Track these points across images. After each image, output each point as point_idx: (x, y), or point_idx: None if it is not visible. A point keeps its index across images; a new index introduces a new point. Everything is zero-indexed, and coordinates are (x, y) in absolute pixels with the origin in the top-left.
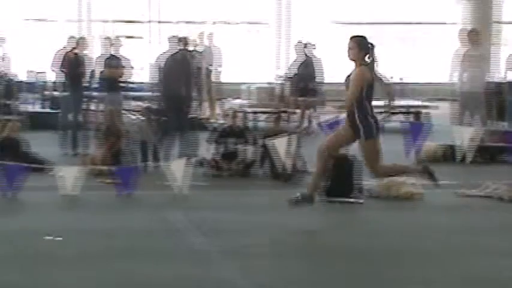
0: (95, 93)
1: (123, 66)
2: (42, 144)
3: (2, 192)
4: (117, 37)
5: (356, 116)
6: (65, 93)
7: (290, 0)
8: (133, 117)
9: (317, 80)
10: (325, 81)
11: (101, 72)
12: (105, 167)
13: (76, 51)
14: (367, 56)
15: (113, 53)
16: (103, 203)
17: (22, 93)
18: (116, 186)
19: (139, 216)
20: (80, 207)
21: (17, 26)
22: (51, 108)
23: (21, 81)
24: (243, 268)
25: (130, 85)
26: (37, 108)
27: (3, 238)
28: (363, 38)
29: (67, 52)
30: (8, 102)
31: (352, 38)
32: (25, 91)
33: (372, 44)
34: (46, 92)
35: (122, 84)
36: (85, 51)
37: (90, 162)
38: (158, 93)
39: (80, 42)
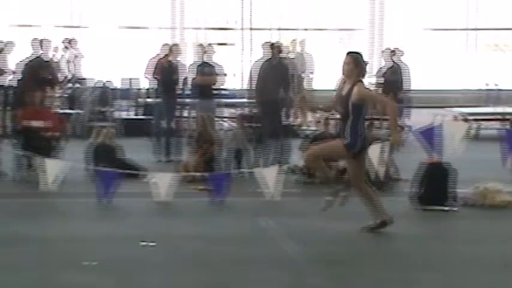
0: (187, 100)
1: (216, 73)
2: (135, 150)
3: (98, 199)
4: (210, 44)
5: (348, 127)
6: (158, 100)
7: (383, 6)
8: (226, 124)
9: (404, 87)
10: (413, 89)
11: (194, 79)
12: (198, 174)
13: (169, 58)
14: (361, 74)
15: (205, 60)
16: (196, 210)
17: (116, 100)
18: (208, 193)
19: (232, 223)
20: (173, 214)
21: (111, 33)
22: (145, 115)
23: (115, 88)
24: (336, 276)
25: (223, 92)
26: (131, 115)
27: (98, 244)
28: (359, 54)
29: (160, 59)
30: (102, 109)
31: (349, 53)
32: (119, 98)
33: (365, 62)
34: (140, 99)
35: (214, 91)
36: (178, 58)
37: (183, 169)
38: (253, 100)
39: (173, 49)
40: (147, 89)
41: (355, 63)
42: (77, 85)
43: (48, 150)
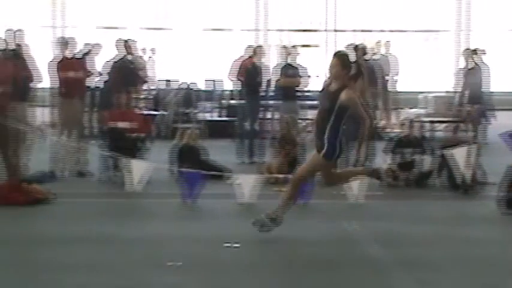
0: (271, 102)
1: (300, 75)
2: (219, 152)
3: (182, 199)
4: (294, 46)
5: (326, 133)
6: (242, 102)
7: (470, 6)
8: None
9: (484, 88)
10: (494, 90)
11: (277, 80)
12: (281, 176)
13: (253, 60)
14: (350, 76)
15: (289, 62)
16: None
17: (200, 101)
18: None
19: (316, 225)
20: (256, 216)
21: (195, 35)
22: (229, 117)
23: (199, 90)
24: (422, 281)
25: (307, 94)
26: (214, 116)
27: (183, 244)
28: (346, 55)
29: (244, 61)
30: (186, 110)
31: (335, 54)
32: (203, 100)
33: (352, 63)
34: (223, 101)
35: (298, 93)
36: (262, 60)
37: (266, 171)
38: None
39: (257, 51)
40: (231, 91)
41: (343, 64)
42: (159, 87)
43: (133, 151)
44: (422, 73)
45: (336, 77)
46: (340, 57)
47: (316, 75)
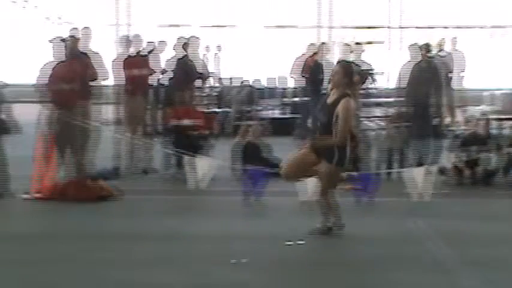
0: None
1: (361, 73)
2: (282, 149)
3: (245, 197)
4: (357, 43)
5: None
6: (305, 99)
7: None
8: (371, 123)
9: None
10: None
11: None
12: (344, 173)
13: (316, 57)
14: (352, 85)
15: (353, 59)
16: (343, 209)
17: (263, 99)
18: (355, 193)
19: (380, 223)
20: (319, 213)
21: (258, 32)
22: (292, 114)
23: (262, 88)
24: (489, 280)
25: (370, 91)
26: (277, 114)
27: (246, 242)
28: (349, 64)
29: (308, 58)
30: (249, 108)
31: (339, 62)
32: (266, 97)
33: (357, 72)
34: (285, 98)
35: (360, 91)
36: (326, 57)
37: None
38: (402, 100)
39: (321, 48)
40: (294, 88)
41: (345, 73)
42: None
43: (197, 148)
44: (489, 70)
45: (337, 85)
46: (342, 66)
47: (381, 72)
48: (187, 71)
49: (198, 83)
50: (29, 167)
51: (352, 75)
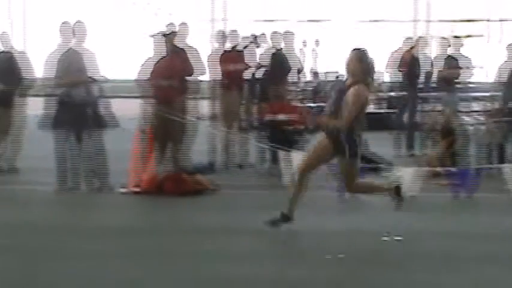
0: (431, 94)
1: (460, 67)
2: (378, 144)
3: (339, 192)
4: (456, 37)
5: (341, 133)
6: (401, 94)
7: None
8: (469, 118)
9: None
10: None
11: (438, 72)
12: (440, 169)
13: (413, 51)
14: (367, 72)
15: (450, 53)
16: (440, 205)
17: None
18: (452, 188)
19: (479, 220)
20: (416, 209)
21: (352, 26)
22: (388, 109)
23: None
24: None
25: (470, 85)
26: (372, 108)
27: (341, 237)
28: (364, 52)
29: (404, 53)
30: None
31: (353, 50)
32: None
33: (371, 60)
34: (381, 93)
35: (458, 85)
36: (423, 52)
37: (427, 163)
38: (503, 94)
39: (419, 42)
40: (390, 83)
41: (359, 60)
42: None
43: (292, 143)
44: None
45: (352, 73)
46: (357, 53)
47: (480, 66)
48: (282, 65)
49: (293, 77)
50: (127, 161)
51: (367, 62)
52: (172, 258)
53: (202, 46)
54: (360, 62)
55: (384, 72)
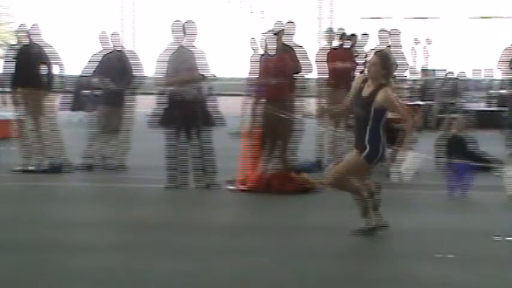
0: None
1: None
2: (488, 143)
3: (449, 191)
4: None
5: (367, 136)
6: None
7: None
8: None
9: None
10: None
11: None
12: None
13: None
14: (389, 76)
15: None
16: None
17: (468, 91)
18: None
19: None
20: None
21: (462, 23)
22: (498, 107)
23: (467, 80)
24: None
25: None
26: (482, 106)
27: (450, 236)
28: (388, 54)
29: None
30: (453, 100)
31: (377, 53)
32: (471, 89)
33: (396, 64)
34: (491, 90)
35: None
36: None
37: None
38: None
39: None
40: (501, 80)
41: (383, 64)
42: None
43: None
44: None
45: (374, 77)
46: (381, 56)
47: None
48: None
49: (400, 75)
50: (234, 159)
51: (391, 66)
52: (279, 255)
53: (310, 44)
54: (384, 68)
55: (495, 69)
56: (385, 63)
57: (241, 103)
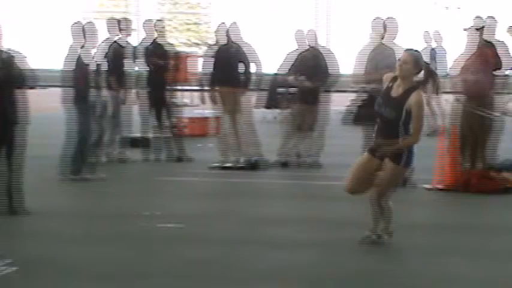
0: None
1: None
2: None
3: None
4: None
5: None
6: None
7: None
8: None
9: None
10: None
11: None
12: None
13: None
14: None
15: None
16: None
17: None
18: None
19: None
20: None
21: None
22: None
23: None
24: None
25: None
26: None
27: None
28: (419, 54)
29: None
30: None
31: (408, 51)
32: None
33: (426, 63)
34: None
35: None
36: None
37: None
38: None
39: None
40: None
41: (414, 63)
42: None
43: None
44: None
45: (405, 76)
46: (412, 55)
47: None
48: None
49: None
50: (430, 157)
51: (422, 67)
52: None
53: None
54: (415, 67)
55: None
56: (417, 62)
57: (437, 100)
